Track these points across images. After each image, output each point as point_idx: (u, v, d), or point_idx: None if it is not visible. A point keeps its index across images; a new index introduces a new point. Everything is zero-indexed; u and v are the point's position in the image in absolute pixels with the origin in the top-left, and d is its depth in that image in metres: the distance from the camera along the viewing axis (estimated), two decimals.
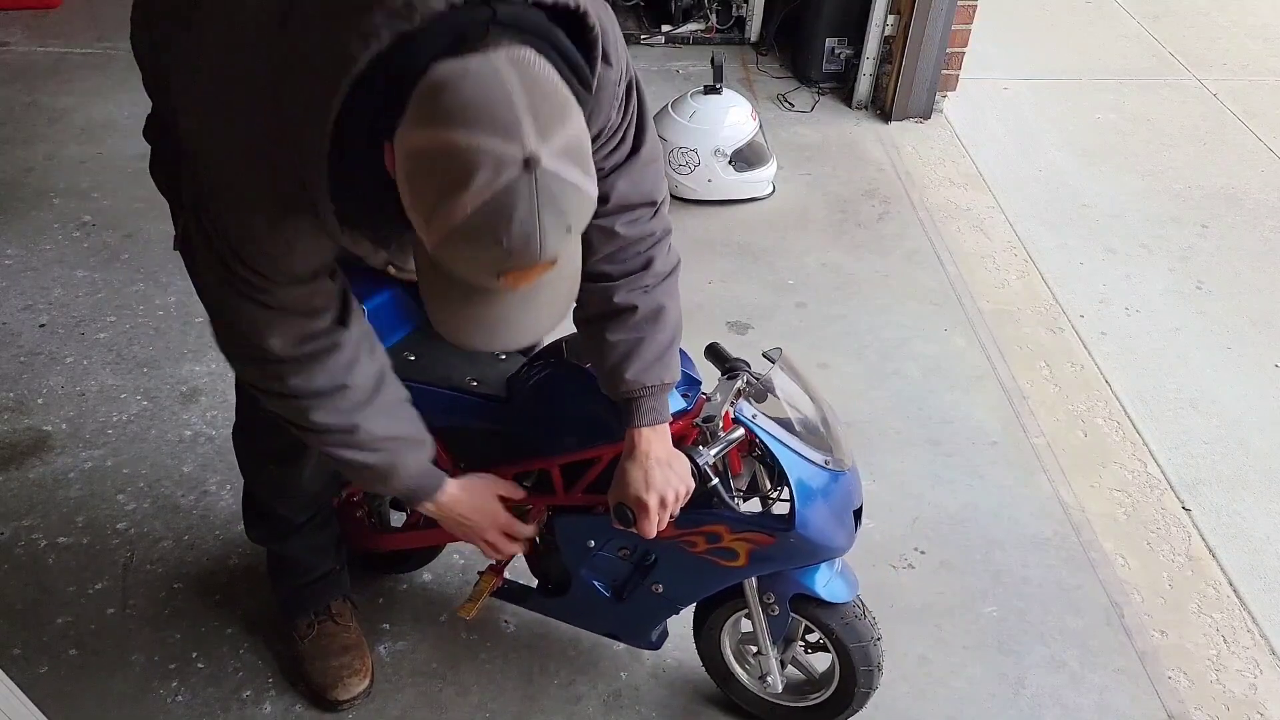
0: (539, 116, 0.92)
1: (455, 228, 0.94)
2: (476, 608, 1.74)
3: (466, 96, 0.92)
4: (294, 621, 1.91)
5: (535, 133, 0.92)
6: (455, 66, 0.93)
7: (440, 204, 0.94)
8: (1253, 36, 4.83)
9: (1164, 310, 3.04)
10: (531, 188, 0.92)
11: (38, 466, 2.31)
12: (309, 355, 1.26)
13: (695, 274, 3.02)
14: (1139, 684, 2.01)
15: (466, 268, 1.01)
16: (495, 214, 0.93)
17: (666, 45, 4.38)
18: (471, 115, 0.91)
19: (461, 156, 0.91)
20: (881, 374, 2.72)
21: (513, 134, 0.91)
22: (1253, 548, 2.32)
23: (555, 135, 0.93)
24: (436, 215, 0.95)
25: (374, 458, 1.38)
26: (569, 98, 0.98)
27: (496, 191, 0.92)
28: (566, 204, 0.96)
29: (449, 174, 0.92)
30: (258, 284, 1.19)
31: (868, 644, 1.66)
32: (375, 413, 1.35)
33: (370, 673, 1.89)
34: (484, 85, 0.92)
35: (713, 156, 3.25)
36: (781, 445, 1.47)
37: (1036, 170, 3.71)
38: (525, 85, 0.93)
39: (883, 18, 3.78)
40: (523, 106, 0.92)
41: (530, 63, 0.96)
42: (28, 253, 2.97)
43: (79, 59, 3.95)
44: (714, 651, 1.81)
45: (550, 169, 0.92)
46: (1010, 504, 2.36)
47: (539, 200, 0.93)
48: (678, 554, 1.57)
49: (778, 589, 1.62)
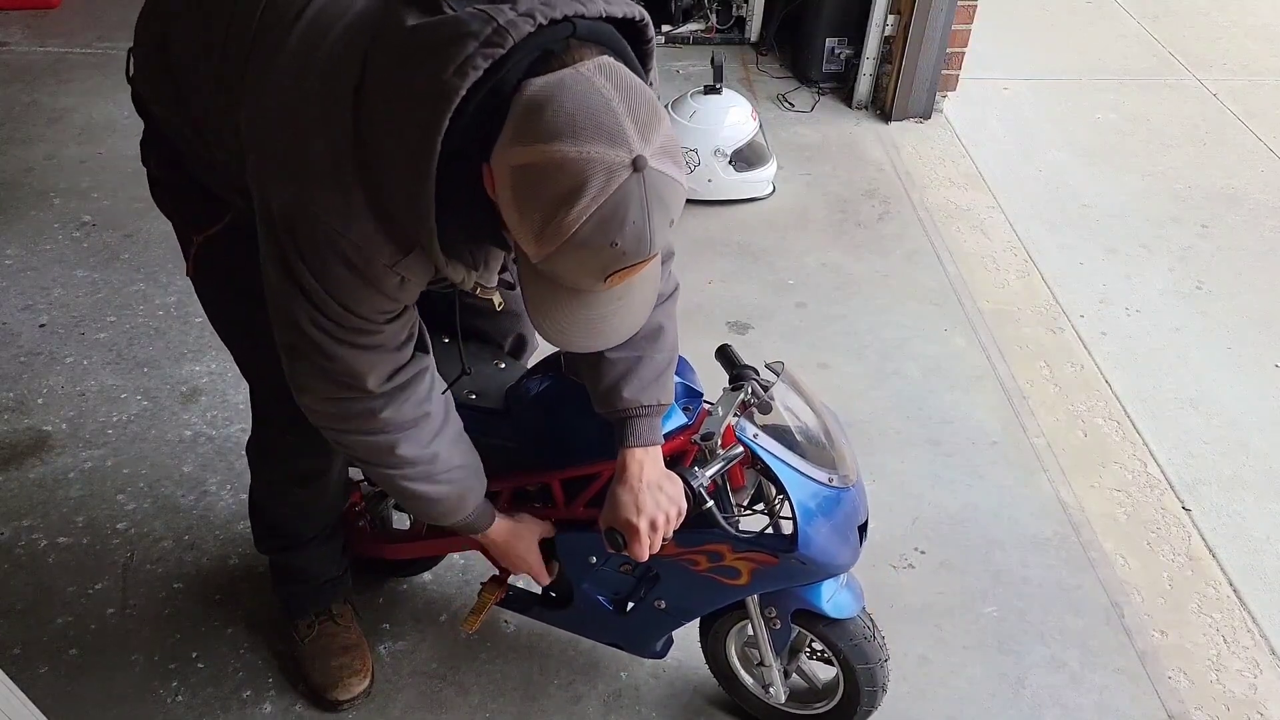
0: (638, 120, 0.95)
1: (570, 237, 0.97)
2: (479, 621, 1.75)
3: (569, 109, 0.94)
4: (295, 622, 1.91)
5: (639, 135, 0.95)
6: (550, 81, 0.96)
7: (553, 217, 0.96)
8: (1253, 36, 4.83)
9: (1164, 310, 3.04)
10: (641, 188, 0.95)
11: (38, 466, 2.31)
12: (399, 387, 1.27)
13: (695, 274, 3.02)
14: (1139, 684, 2.01)
15: (577, 272, 1.03)
16: (609, 219, 0.96)
17: (666, 45, 4.38)
18: (578, 125, 0.94)
19: (572, 167, 0.94)
20: (881, 374, 2.72)
21: (619, 139, 0.94)
22: (1253, 548, 2.32)
23: (655, 135, 0.96)
24: (549, 228, 0.97)
25: (446, 489, 1.40)
26: (656, 99, 1.01)
27: (610, 197, 0.95)
28: (670, 199, 0.99)
29: (561, 186, 0.95)
30: (358, 327, 1.18)
31: (874, 665, 1.65)
32: (449, 441, 1.38)
33: (370, 673, 1.90)
34: (582, 95, 0.95)
35: (713, 156, 3.25)
36: (784, 465, 1.43)
37: (1036, 170, 3.71)
38: (620, 91, 0.96)
39: (883, 18, 3.78)
40: (623, 112, 0.95)
41: (618, 69, 0.99)
42: (28, 253, 2.97)
43: (79, 59, 3.95)
44: (719, 653, 1.81)
45: (656, 167, 0.96)
46: (1010, 504, 2.36)
47: (649, 199, 0.96)
48: (680, 572, 1.56)
49: (780, 603, 1.61)
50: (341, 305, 1.15)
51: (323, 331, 1.18)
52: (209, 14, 1.22)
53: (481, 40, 0.96)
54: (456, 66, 0.96)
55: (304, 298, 1.15)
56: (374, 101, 1.04)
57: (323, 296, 1.14)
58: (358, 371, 1.23)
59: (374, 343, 1.22)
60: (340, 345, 1.20)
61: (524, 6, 0.98)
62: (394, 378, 1.26)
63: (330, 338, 1.19)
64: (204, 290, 1.50)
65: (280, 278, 1.16)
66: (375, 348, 1.22)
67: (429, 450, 1.34)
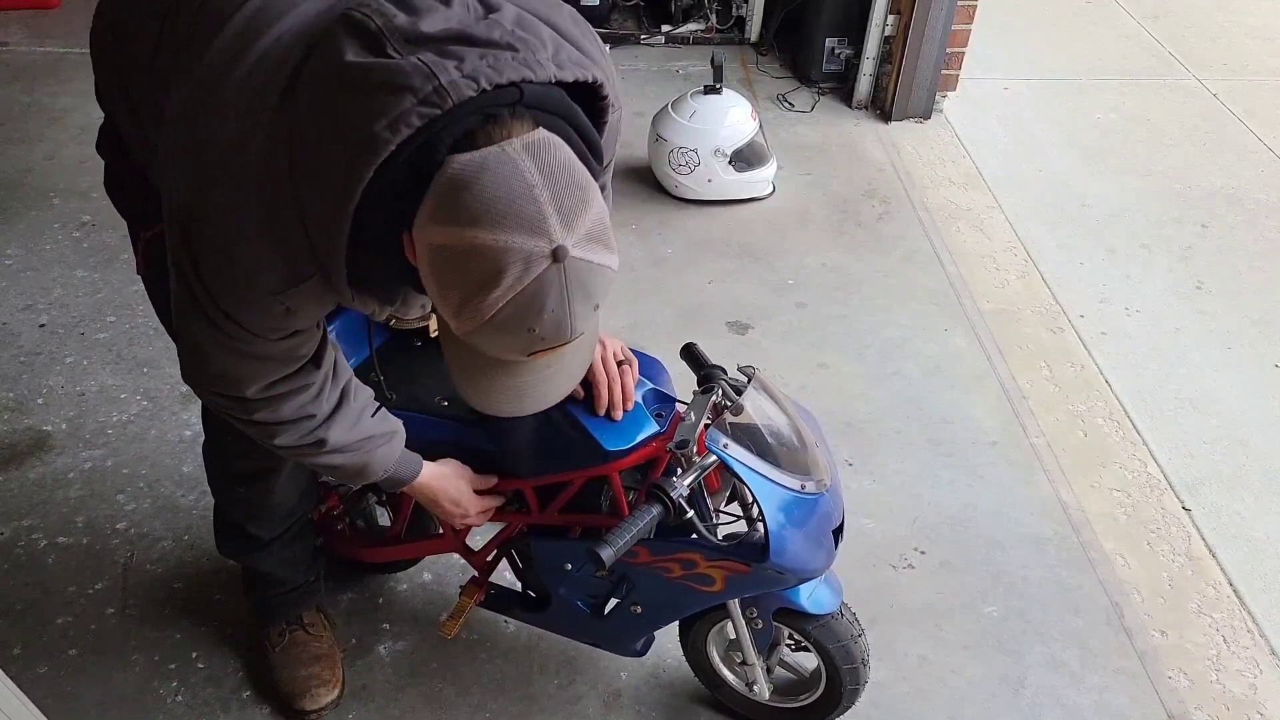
0: (562, 206, 0.92)
1: (486, 321, 0.95)
2: (458, 625, 1.75)
3: (489, 194, 0.91)
4: (265, 629, 1.90)
5: (561, 224, 0.91)
6: (474, 160, 0.92)
7: (470, 300, 0.94)
8: (1253, 36, 4.83)
9: (1164, 310, 3.04)
10: (561, 278, 0.92)
11: (38, 466, 2.31)
12: (279, 396, 1.24)
13: (695, 274, 3.02)
14: (1139, 684, 2.01)
15: (498, 349, 1.01)
16: (526, 307, 0.93)
17: (666, 45, 4.38)
18: (496, 214, 0.90)
19: (489, 255, 0.91)
20: (881, 374, 2.72)
21: (539, 229, 0.91)
22: (1253, 548, 2.32)
23: (579, 221, 0.93)
24: (466, 309, 0.95)
25: (344, 459, 1.37)
26: (588, 179, 0.97)
27: (527, 286, 0.92)
28: (594, 286, 0.96)
29: (478, 272, 0.92)
30: (246, 338, 1.14)
31: (847, 641, 1.65)
32: (340, 426, 1.33)
33: (341, 684, 1.88)
34: (505, 181, 0.91)
35: (713, 156, 3.25)
36: (755, 474, 1.40)
37: (1036, 170, 3.71)
38: (545, 174, 0.92)
39: (883, 18, 3.78)
40: (546, 199, 0.91)
41: (549, 147, 0.94)
42: (28, 253, 2.97)
43: (79, 59, 3.94)
44: (702, 660, 1.81)
45: (578, 256, 0.92)
46: (1010, 504, 2.36)
47: (569, 288, 0.93)
48: (654, 579, 1.55)
49: (761, 604, 1.61)
50: (224, 312, 1.10)
51: (207, 329, 1.13)
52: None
53: (420, 98, 0.92)
54: (389, 121, 0.92)
55: (191, 295, 1.11)
56: (298, 123, 0.99)
57: (208, 299, 1.10)
58: (234, 377, 1.19)
59: (259, 353, 1.16)
60: (225, 351, 1.15)
61: (469, 66, 0.94)
62: (274, 387, 1.22)
63: (213, 339, 1.14)
64: (153, 287, 1.45)
65: (175, 274, 1.12)
66: (260, 358, 1.17)
67: (313, 438, 1.30)
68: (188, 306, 1.13)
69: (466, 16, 1.00)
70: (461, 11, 1.00)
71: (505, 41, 0.97)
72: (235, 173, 1.02)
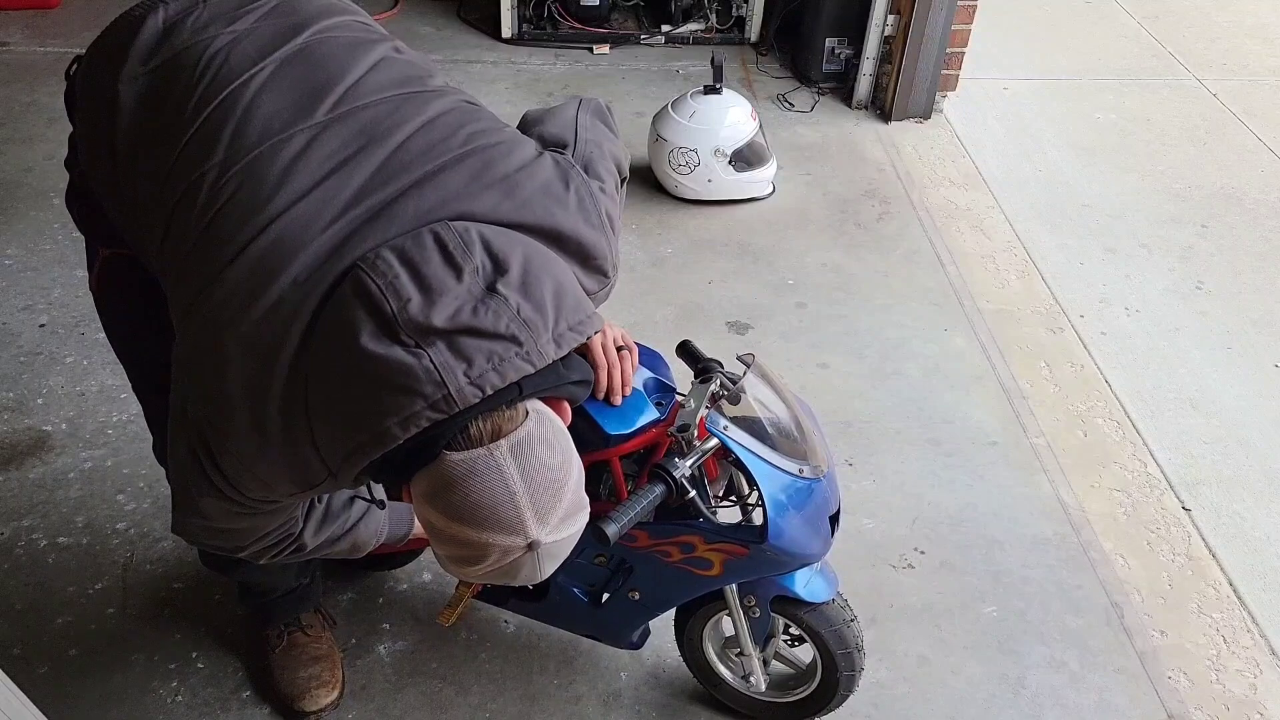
0: (538, 506, 1.03)
1: (468, 573, 1.09)
2: (456, 614, 1.75)
3: (474, 499, 1.02)
4: (264, 631, 1.90)
5: (535, 521, 1.03)
6: (463, 463, 1.02)
7: (454, 561, 1.08)
8: (1253, 36, 4.83)
9: (1164, 310, 3.04)
10: (535, 558, 1.06)
11: (38, 466, 2.31)
12: (268, 545, 1.30)
13: (695, 274, 3.02)
14: (1139, 684, 2.01)
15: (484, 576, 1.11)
16: (504, 575, 1.08)
17: (666, 45, 4.38)
18: (480, 517, 1.02)
19: (472, 545, 1.04)
20: (881, 374, 2.72)
21: (516, 529, 1.03)
22: (1253, 548, 2.32)
23: (552, 515, 1.05)
24: (451, 563, 1.09)
25: (330, 550, 1.43)
26: (563, 471, 1.06)
27: (504, 565, 1.05)
28: (564, 551, 1.09)
29: (461, 551, 1.05)
30: (254, 505, 1.17)
31: (840, 626, 1.65)
32: (318, 532, 1.38)
33: (341, 684, 1.89)
34: (489, 488, 1.02)
35: (713, 156, 3.25)
36: (754, 457, 1.43)
37: (1036, 170, 3.71)
38: (525, 477, 1.03)
39: (883, 18, 3.78)
40: (525, 504, 1.02)
41: (532, 444, 1.04)
42: (28, 253, 2.97)
43: None
44: (698, 656, 1.81)
45: (549, 541, 1.05)
46: (1010, 504, 2.36)
47: (541, 562, 1.07)
48: (653, 563, 1.57)
49: (758, 592, 1.62)
50: (240, 491, 1.14)
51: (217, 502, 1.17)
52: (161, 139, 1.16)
53: (429, 404, 0.98)
54: (400, 420, 0.99)
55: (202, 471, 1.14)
56: (312, 385, 1.04)
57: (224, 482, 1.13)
58: (232, 535, 1.26)
59: (255, 511, 1.20)
60: (226, 516, 1.19)
61: (476, 371, 0.99)
62: (265, 539, 1.29)
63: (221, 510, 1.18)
64: (104, 307, 1.45)
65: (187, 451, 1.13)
66: (265, 514, 1.23)
67: (293, 546, 1.35)
68: (198, 481, 1.15)
69: (476, 289, 1.02)
70: (471, 282, 1.02)
71: (510, 333, 1.01)
72: (257, 414, 1.06)
